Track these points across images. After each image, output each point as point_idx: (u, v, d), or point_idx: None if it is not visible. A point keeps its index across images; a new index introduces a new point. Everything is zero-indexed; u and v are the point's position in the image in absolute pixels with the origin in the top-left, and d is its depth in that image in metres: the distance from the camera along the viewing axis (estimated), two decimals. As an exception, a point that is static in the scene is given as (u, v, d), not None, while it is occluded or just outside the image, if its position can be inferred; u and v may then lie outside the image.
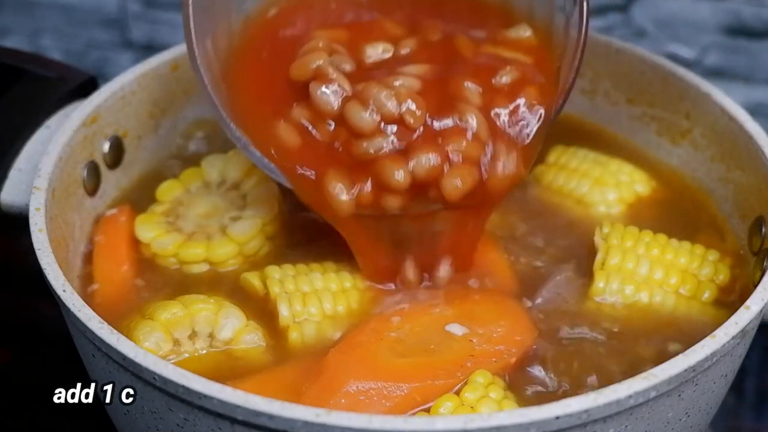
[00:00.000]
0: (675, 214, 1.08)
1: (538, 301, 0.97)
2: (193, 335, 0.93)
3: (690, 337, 0.91)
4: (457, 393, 0.88)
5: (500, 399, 0.87)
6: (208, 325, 0.93)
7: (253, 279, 0.97)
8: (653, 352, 0.93)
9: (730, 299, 0.98)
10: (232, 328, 0.93)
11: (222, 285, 0.99)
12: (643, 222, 1.05)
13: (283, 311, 0.94)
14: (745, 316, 0.87)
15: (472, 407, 0.86)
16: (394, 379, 0.88)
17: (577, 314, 0.96)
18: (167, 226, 1.03)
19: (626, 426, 0.83)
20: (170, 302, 0.94)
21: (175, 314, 0.93)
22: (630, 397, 0.80)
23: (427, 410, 0.87)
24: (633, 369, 0.90)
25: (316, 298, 0.95)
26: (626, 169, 1.10)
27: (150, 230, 1.02)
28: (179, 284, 0.99)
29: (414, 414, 0.87)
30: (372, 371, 0.88)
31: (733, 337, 0.85)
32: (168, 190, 1.07)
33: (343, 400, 0.86)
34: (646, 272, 0.98)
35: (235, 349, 0.93)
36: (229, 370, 0.91)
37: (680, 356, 0.83)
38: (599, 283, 0.97)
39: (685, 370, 0.82)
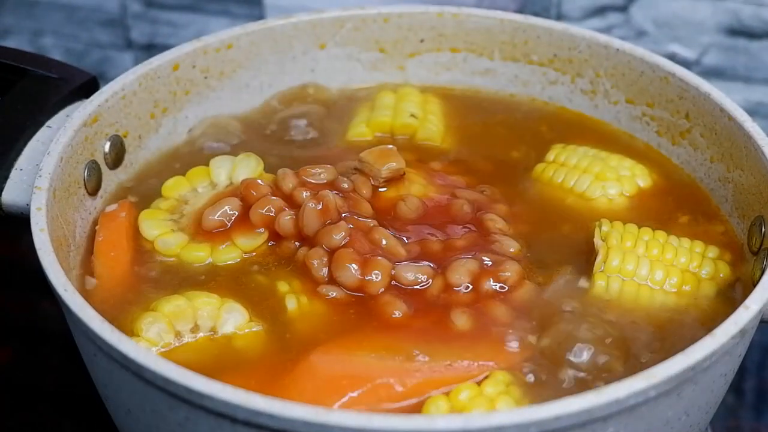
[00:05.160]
0: (676, 204, 1.08)
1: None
2: (195, 328, 0.93)
3: (691, 336, 0.91)
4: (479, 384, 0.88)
5: (519, 398, 0.87)
6: (211, 319, 0.94)
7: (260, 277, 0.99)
8: (654, 352, 0.93)
9: (731, 298, 0.98)
10: (235, 323, 0.94)
11: (222, 278, 0.99)
12: (645, 213, 1.05)
13: (291, 305, 0.95)
14: (744, 316, 0.87)
15: (491, 400, 0.86)
16: (363, 373, 0.89)
17: (578, 317, 0.95)
18: (172, 225, 1.03)
19: (626, 425, 0.83)
20: (174, 296, 0.95)
21: (179, 306, 0.93)
22: (630, 396, 0.80)
23: (447, 394, 0.88)
24: (634, 368, 0.90)
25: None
26: (626, 163, 1.10)
27: (154, 227, 1.03)
28: (180, 279, 0.99)
29: (430, 398, 0.87)
30: (347, 366, 0.90)
31: (732, 337, 0.85)
32: (174, 187, 1.07)
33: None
34: (646, 273, 0.98)
35: (236, 341, 0.93)
36: (227, 360, 0.91)
37: (680, 355, 0.83)
38: (600, 284, 0.97)
39: (685, 370, 0.82)
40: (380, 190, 1.05)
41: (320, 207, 0.98)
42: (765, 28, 1.42)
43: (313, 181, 1.03)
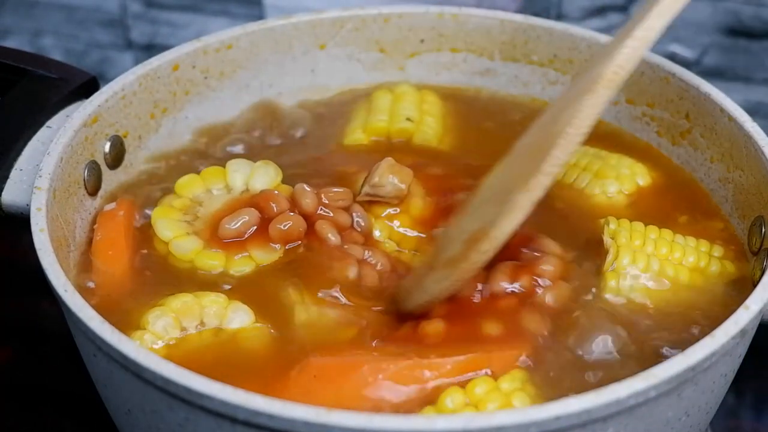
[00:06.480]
0: (676, 204, 1.08)
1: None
2: (201, 325, 0.93)
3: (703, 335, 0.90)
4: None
5: (534, 396, 0.87)
6: (217, 318, 0.94)
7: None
8: (666, 351, 0.93)
9: (737, 296, 0.97)
10: (240, 323, 0.94)
11: (226, 279, 0.99)
12: (645, 212, 1.05)
13: (298, 313, 0.95)
14: (744, 316, 0.87)
15: (507, 395, 0.87)
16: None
17: (589, 316, 0.95)
18: (186, 227, 1.02)
19: (626, 425, 0.83)
20: (182, 294, 0.95)
21: (186, 303, 0.93)
22: (630, 396, 0.80)
23: (463, 385, 0.87)
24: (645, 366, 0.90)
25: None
26: (626, 162, 1.10)
27: (169, 228, 1.01)
28: (181, 279, 0.99)
29: (446, 390, 0.87)
30: (344, 365, 0.90)
31: (732, 337, 0.85)
32: (188, 185, 1.05)
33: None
34: (657, 272, 0.98)
35: (240, 342, 0.93)
36: (230, 360, 0.91)
37: (680, 356, 0.83)
38: (611, 283, 0.97)
39: (685, 370, 0.82)
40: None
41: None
42: (765, 28, 1.42)
43: (330, 203, 1.02)
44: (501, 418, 0.78)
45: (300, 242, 1.00)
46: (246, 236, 1.00)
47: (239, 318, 0.94)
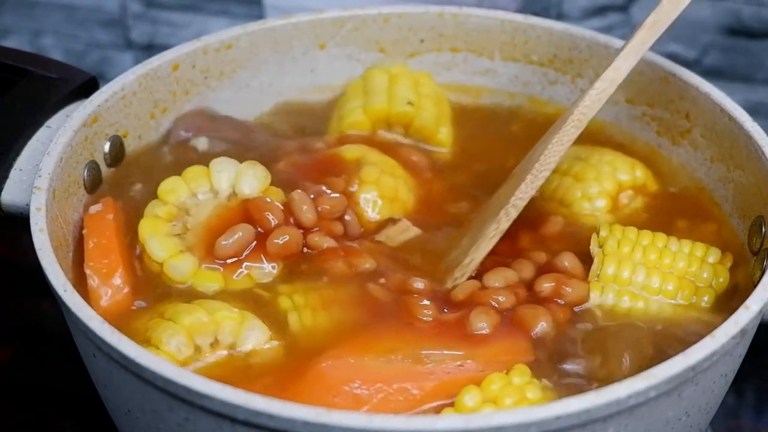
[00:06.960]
0: (675, 204, 1.08)
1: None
2: (215, 343, 0.91)
3: (686, 344, 0.90)
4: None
5: (541, 389, 0.88)
6: (232, 335, 0.91)
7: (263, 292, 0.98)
8: (650, 361, 0.92)
9: (729, 304, 0.97)
10: (255, 340, 0.92)
11: (226, 291, 0.98)
12: (644, 210, 1.06)
13: (294, 323, 0.95)
14: (744, 316, 0.87)
15: (521, 389, 0.86)
16: (380, 380, 0.88)
17: (576, 327, 0.95)
18: (178, 243, 0.99)
19: (626, 425, 0.83)
20: (192, 306, 0.93)
21: (199, 319, 0.91)
22: (630, 396, 0.80)
23: (478, 384, 0.87)
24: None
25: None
26: (607, 158, 1.09)
27: (162, 248, 0.98)
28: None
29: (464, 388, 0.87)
30: (358, 372, 0.89)
31: (732, 337, 0.85)
32: (171, 191, 1.01)
33: (337, 399, 0.87)
34: (643, 280, 0.97)
35: (253, 357, 0.92)
36: (244, 375, 0.90)
37: (680, 356, 0.83)
38: (594, 294, 0.97)
39: (685, 370, 0.82)
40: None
41: None
42: (765, 28, 1.42)
43: (325, 215, 1.02)
44: (501, 418, 0.78)
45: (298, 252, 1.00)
46: (244, 256, 0.99)
47: (254, 335, 0.92)
